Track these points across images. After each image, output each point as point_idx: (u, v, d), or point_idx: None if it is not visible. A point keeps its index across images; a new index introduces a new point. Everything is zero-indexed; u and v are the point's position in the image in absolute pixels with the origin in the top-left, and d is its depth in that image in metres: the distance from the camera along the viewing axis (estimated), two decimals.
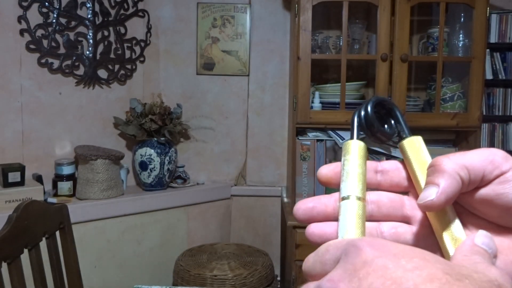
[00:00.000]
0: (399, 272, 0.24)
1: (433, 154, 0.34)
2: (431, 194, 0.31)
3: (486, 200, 0.32)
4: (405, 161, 0.36)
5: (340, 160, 0.36)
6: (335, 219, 0.35)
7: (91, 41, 2.34)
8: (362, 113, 0.36)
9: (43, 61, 2.22)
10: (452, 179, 0.31)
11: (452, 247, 0.32)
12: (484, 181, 0.32)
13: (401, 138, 0.37)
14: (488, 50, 2.35)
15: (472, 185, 0.32)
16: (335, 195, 0.36)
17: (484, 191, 0.32)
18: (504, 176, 0.32)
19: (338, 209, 0.34)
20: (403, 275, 0.24)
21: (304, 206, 0.36)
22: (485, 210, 0.33)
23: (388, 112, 0.38)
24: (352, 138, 0.37)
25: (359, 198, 0.34)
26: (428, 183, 0.32)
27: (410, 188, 0.37)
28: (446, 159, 0.32)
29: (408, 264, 0.25)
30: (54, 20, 2.23)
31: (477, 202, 0.33)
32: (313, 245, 0.35)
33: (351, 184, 0.34)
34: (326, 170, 0.37)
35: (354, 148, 0.36)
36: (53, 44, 2.23)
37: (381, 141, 0.38)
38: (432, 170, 0.32)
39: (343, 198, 0.34)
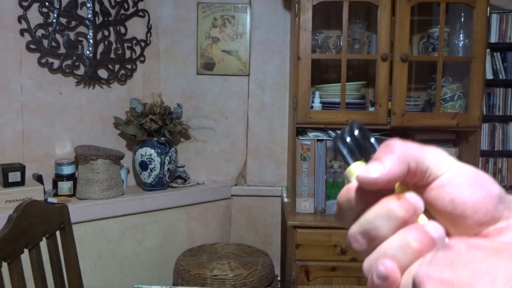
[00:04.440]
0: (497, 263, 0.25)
1: None
2: (374, 171, 0.30)
3: (430, 203, 0.31)
4: None
5: (341, 160, 0.35)
6: None
7: (91, 41, 2.34)
8: (348, 136, 0.36)
9: (43, 61, 2.22)
10: (400, 162, 0.31)
11: None
12: (427, 178, 0.31)
13: None
14: (488, 50, 2.35)
15: (418, 176, 0.31)
16: None
17: (430, 192, 0.31)
18: (440, 179, 0.31)
19: None
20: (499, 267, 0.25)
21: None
22: (433, 214, 0.32)
23: (364, 136, 0.37)
24: (348, 163, 0.36)
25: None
26: (375, 159, 0.31)
27: None
28: (402, 142, 0.32)
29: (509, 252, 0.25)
30: (54, 20, 2.23)
31: (427, 203, 0.32)
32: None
33: None
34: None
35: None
36: (53, 44, 2.23)
37: (367, 162, 0.37)
38: (384, 148, 0.32)
39: None
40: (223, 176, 2.72)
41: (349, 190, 0.33)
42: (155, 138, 2.42)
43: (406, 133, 2.33)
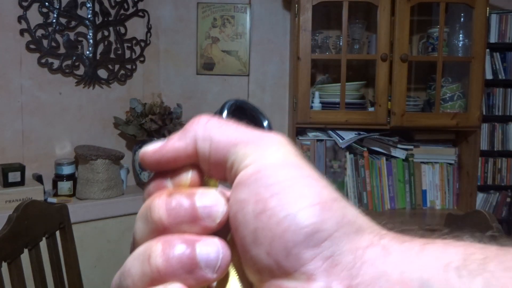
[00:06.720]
0: None
1: (432, 154, 0.34)
2: (152, 146, 0.24)
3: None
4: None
5: (341, 160, 0.32)
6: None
7: (91, 41, 2.34)
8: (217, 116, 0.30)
9: (43, 61, 2.22)
10: (181, 138, 0.24)
11: None
12: (234, 172, 0.22)
13: None
14: (488, 50, 2.35)
15: (217, 166, 0.23)
16: None
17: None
18: (239, 177, 0.21)
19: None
20: None
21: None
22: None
23: (252, 119, 0.30)
24: None
25: None
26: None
27: None
28: (208, 120, 0.24)
29: None
30: (54, 20, 2.23)
31: None
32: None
33: None
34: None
35: None
36: (53, 44, 2.23)
37: None
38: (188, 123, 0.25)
39: None
40: None
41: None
42: (155, 138, 2.42)
43: (406, 133, 2.34)
